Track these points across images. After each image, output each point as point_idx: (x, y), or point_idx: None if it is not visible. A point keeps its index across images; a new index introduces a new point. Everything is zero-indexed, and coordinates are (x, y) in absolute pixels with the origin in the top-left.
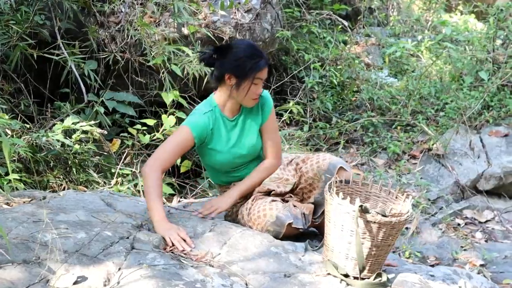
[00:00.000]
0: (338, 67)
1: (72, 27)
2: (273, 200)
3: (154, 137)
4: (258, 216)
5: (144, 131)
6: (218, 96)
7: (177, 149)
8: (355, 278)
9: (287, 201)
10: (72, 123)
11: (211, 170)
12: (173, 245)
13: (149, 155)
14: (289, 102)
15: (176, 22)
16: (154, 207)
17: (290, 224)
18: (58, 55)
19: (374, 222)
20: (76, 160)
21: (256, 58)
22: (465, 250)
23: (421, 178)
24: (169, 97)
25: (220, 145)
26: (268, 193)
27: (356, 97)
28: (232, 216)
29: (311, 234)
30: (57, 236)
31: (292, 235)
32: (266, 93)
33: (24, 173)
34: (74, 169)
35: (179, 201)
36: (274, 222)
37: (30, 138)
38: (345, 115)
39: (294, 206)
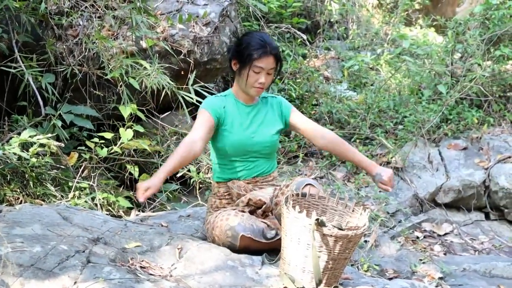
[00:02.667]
0: (297, 80)
1: (30, 40)
2: (241, 211)
3: (112, 151)
4: (221, 219)
5: (102, 145)
6: (233, 86)
7: (204, 125)
8: None
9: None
10: (29, 136)
11: (220, 159)
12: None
13: (106, 168)
14: None
15: (134, 36)
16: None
17: (244, 236)
18: (15, 68)
19: (331, 235)
20: (33, 174)
21: (257, 46)
22: (423, 263)
23: (379, 191)
24: (127, 110)
25: (233, 126)
26: (258, 207)
27: (315, 111)
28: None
29: (272, 250)
30: (11, 250)
31: (253, 248)
32: (283, 99)
33: None
34: (31, 182)
35: (137, 215)
36: (232, 228)
37: None
38: None
39: (262, 220)
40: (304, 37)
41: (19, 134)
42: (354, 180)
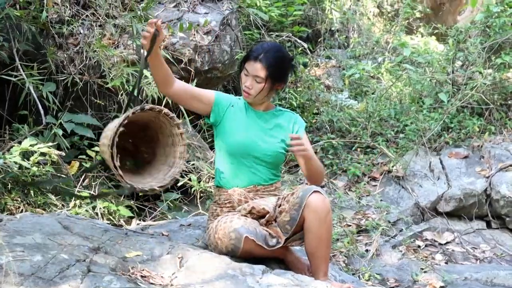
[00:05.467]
0: (298, 89)
1: (31, 49)
2: (244, 215)
3: None
4: (224, 222)
5: None
6: None
7: (199, 89)
8: None
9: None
10: (30, 145)
11: (222, 160)
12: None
13: (107, 177)
14: None
15: (135, 44)
16: None
17: (248, 238)
18: (16, 76)
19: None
20: None
21: (252, 50)
22: (425, 272)
23: (381, 200)
24: None
25: (237, 127)
26: (261, 216)
27: (316, 119)
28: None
29: (272, 259)
30: (12, 259)
31: (255, 253)
32: (299, 117)
33: None
34: (32, 191)
35: (137, 224)
36: (236, 229)
37: None
38: None
39: (264, 228)
40: (305, 45)
41: (20, 143)
42: (355, 189)
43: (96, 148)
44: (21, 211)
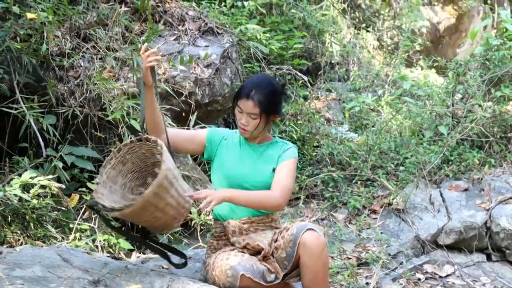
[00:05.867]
0: (298, 122)
1: (31, 81)
2: (240, 252)
3: None
4: (221, 259)
5: None
6: None
7: (190, 131)
8: None
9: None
10: (30, 178)
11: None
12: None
13: None
14: None
15: (135, 77)
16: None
17: (244, 275)
18: (16, 109)
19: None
20: (34, 215)
21: (244, 87)
22: None
23: (381, 233)
24: None
25: (230, 160)
26: (257, 251)
27: (316, 152)
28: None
29: None
30: None
31: None
32: (294, 148)
33: None
34: (32, 224)
35: (138, 257)
36: (232, 267)
37: None
38: (305, 170)
39: (262, 262)
40: (305, 78)
41: (20, 175)
42: (356, 222)
43: (97, 180)
44: (21, 244)
